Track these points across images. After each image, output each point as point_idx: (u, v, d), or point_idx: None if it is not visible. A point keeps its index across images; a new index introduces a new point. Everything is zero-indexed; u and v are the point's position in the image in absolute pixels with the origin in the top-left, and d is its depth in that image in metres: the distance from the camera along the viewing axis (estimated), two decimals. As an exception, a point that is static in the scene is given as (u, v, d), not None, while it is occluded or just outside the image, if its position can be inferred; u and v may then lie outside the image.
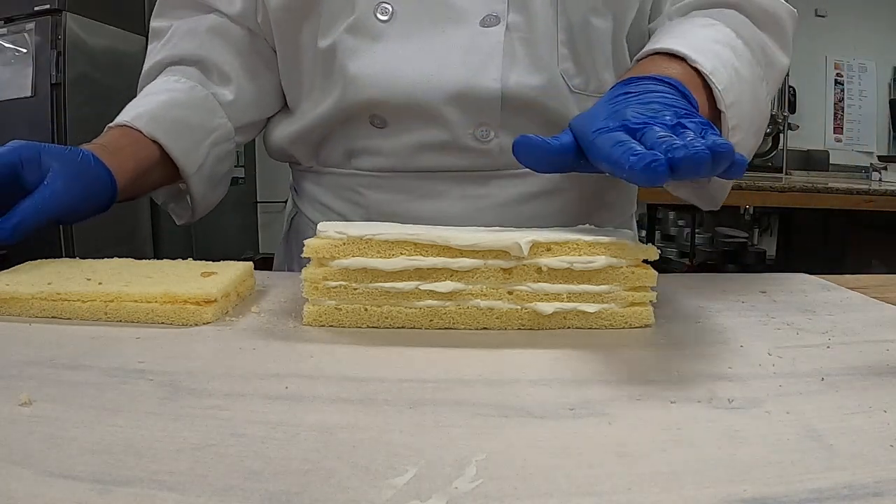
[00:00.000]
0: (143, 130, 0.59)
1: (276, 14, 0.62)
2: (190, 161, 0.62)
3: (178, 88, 0.64)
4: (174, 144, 0.60)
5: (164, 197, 0.69)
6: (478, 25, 0.57)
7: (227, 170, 0.69)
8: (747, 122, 0.55)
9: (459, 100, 0.58)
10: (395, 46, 0.58)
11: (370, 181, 0.64)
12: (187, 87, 0.64)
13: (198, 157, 0.63)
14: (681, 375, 0.36)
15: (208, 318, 0.44)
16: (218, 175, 0.67)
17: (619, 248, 0.43)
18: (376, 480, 0.25)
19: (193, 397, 0.32)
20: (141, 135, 0.59)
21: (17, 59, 2.13)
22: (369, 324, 0.44)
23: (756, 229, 3.66)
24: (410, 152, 0.61)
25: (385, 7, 0.58)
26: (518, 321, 0.44)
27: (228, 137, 0.67)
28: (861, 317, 0.48)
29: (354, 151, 0.64)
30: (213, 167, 0.65)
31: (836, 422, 0.30)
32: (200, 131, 0.63)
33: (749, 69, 0.56)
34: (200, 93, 0.65)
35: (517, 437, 0.28)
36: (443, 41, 0.57)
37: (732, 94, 0.53)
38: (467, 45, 0.57)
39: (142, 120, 0.60)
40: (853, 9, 3.52)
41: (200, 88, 0.65)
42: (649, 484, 0.25)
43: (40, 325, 0.43)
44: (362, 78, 0.58)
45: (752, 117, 0.55)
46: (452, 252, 0.42)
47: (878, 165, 3.05)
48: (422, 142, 0.60)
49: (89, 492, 0.23)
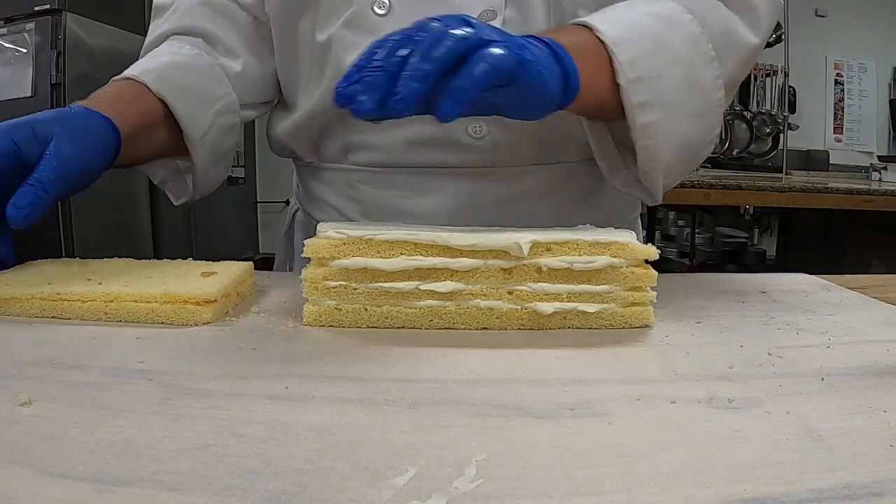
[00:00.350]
0: (149, 85, 0.57)
1: (276, 5, 0.62)
2: (195, 127, 0.60)
3: (184, 53, 0.62)
4: (180, 106, 0.58)
5: (162, 174, 0.65)
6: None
7: (231, 146, 0.67)
8: (674, 101, 0.51)
9: None
10: None
11: (366, 176, 0.64)
12: (193, 53, 0.63)
13: (203, 123, 0.61)
14: (681, 375, 0.36)
15: (208, 318, 0.44)
16: (221, 149, 0.64)
17: (619, 248, 0.43)
18: (376, 480, 0.25)
19: (193, 397, 0.32)
20: (146, 90, 0.57)
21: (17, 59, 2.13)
22: (369, 324, 0.44)
23: (756, 229, 3.65)
24: (405, 147, 0.61)
25: (383, 1, 0.57)
26: (518, 321, 0.44)
27: (234, 109, 0.64)
28: (861, 317, 0.48)
29: (351, 146, 0.63)
30: (218, 138, 0.63)
31: (836, 422, 0.30)
32: (206, 98, 0.61)
33: (689, 45, 0.52)
34: (206, 60, 0.63)
35: (517, 437, 0.28)
36: None
37: (645, 67, 0.50)
38: None
39: (149, 75, 0.57)
40: (853, 9, 3.52)
41: (206, 57, 0.63)
42: (649, 484, 0.25)
43: (40, 325, 0.43)
44: None
45: (683, 97, 0.52)
46: (452, 252, 0.42)
47: (878, 165, 3.05)
48: (416, 137, 0.60)
49: (89, 492, 0.23)
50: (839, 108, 3.62)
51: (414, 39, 0.40)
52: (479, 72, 0.40)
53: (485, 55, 0.40)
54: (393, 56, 0.39)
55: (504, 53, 0.40)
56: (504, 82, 0.41)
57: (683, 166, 0.57)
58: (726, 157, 3.31)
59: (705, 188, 2.38)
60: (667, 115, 0.51)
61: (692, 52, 0.52)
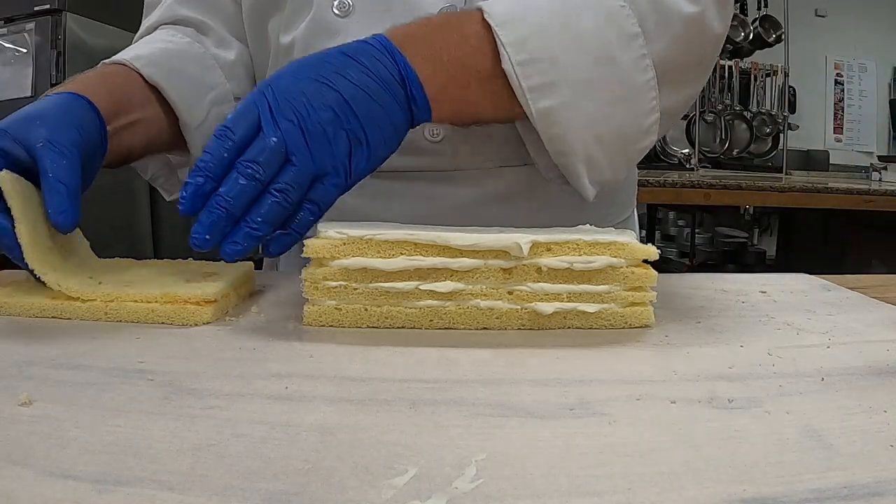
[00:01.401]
0: (141, 71, 0.54)
1: (247, 8, 0.62)
2: (191, 114, 0.58)
3: (176, 41, 0.61)
4: (174, 92, 0.56)
5: (153, 168, 0.63)
6: None
7: None
8: (581, 84, 0.47)
9: None
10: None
11: None
12: (185, 41, 0.61)
13: (199, 111, 0.59)
14: (681, 375, 0.36)
15: (208, 318, 0.44)
16: None
17: (619, 248, 0.43)
18: (376, 480, 0.25)
19: (193, 397, 0.32)
20: (138, 76, 0.54)
21: (17, 59, 2.13)
22: (369, 324, 0.44)
23: (756, 229, 3.66)
24: None
25: (343, 2, 0.56)
26: (518, 321, 0.44)
27: (228, 99, 0.62)
28: (861, 317, 0.48)
29: None
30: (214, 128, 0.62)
31: (836, 422, 0.30)
32: (201, 85, 0.60)
33: (601, 21, 0.47)
34: (199, 49, 0.62)
35: (517, 437, 0.28)
36: None
37: (538, 48, 0.46)
38: None
39: (141, 61, 0.55)
40: (853, 9, 3.52)
41: (199, 46, 0.62)
42: (649, 484, 0.25)
43: (40, 325, 0.43)
44: None
45: (593, 78, 0.47)
46: (452, 252, 0.42)
47: (878, 165, 3.05)
48: None
49: (89, 492, 0.23)
50: (839, 108, 3.62)
51: (255, 166, 0.41)
52: (307, 220, 0.44)
53: (313, 206, 0.44)
54: (235, 191, 0.41)
55: (334, 188, 0.44)
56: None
57: (613, 158, 0.51)
58: (726, 157, 3.32)
59: (705, 188, 2.38)
60: (573, 100, 0.47)
61: (606, 28, 0.47)
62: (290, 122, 0.42)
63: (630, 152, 0.53)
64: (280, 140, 0.41)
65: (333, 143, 0.43)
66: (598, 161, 0.50)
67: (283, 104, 0.42)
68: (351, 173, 0.44)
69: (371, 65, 0.44)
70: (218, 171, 0.41)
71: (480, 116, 0.51)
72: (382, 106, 0.44)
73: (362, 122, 0.44)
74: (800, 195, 2.36)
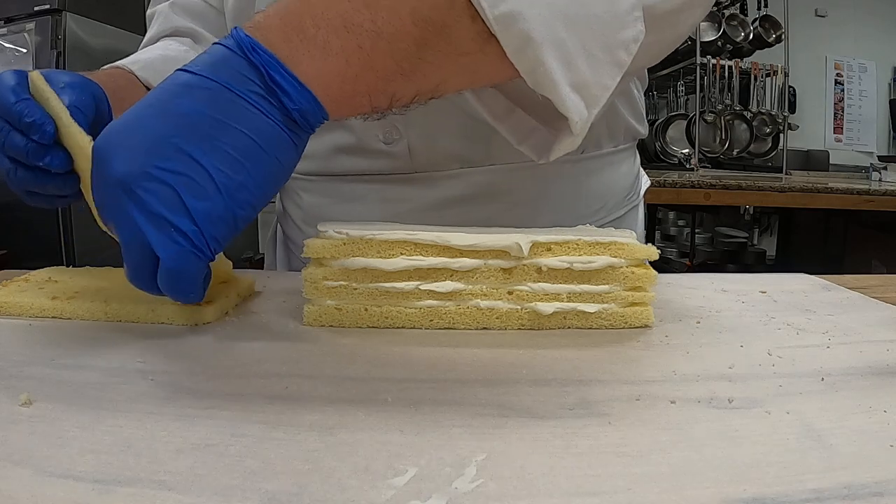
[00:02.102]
0: (137, 74, 0.56)
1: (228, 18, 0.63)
2: None
3: (173, 49, 0.63)
4: None
5: None
6: None
7: None
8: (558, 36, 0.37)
9: None
10: None
11: (303, 184, 0.65)
12: (182, 49, 0.64)
13: None
14: (681, 375, 0.36)
15: (208, 318, 0.44)
16: None
17: (619, 248, 0.43)
18: (376, 480, 0.25)
19: (193, 397, 0.32)
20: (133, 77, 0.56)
21: (17, 59, 2.13)
22: (369, 324, 0.44)
23: (756, 229, 3.66)
24: (326, 155, 0.61)
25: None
26: (518, 321, 0.44)
27: None
28: (861, 317, 0.48)
29: None
30: None
31: (836, 422, 0.30)
32: None
33: None
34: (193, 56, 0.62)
35: (517, 437, 0.28)
36: None
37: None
38: None
39: (138, 65, 0.57)
40: (853, 9, 3.52)
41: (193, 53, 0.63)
42: (649, 484, 0.25)
43: (40, 325, 0.43)
44: None
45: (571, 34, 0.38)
46: (452, 252, 0.42)
47: (878, 165, 3.05)
48: (334, 145, 0.60)
49: (89, 492, 0.23)
50: (839, 108, 3.63)
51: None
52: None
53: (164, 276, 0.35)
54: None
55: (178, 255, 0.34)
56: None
57: (589, 45, 0.39)
58: (726, 157, 3.32)
59: (705, 188, 2.38)
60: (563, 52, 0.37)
61: None
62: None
63: (611, 44, 0.40)
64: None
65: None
66: (571, 49, 0.38)
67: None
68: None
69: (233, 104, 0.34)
70: None
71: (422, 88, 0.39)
72: (264, 164, 0.36)
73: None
74: (800, 195, 2.36)
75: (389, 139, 0.58)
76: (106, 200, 0.35)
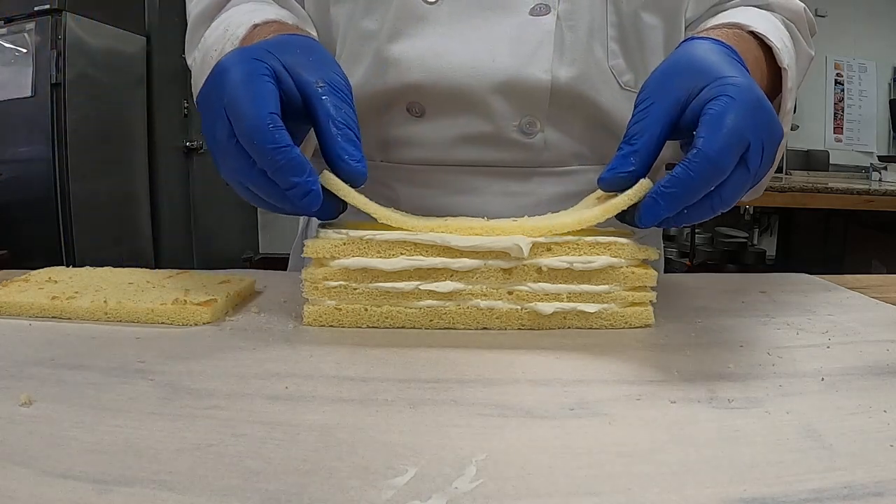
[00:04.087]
0: (301, 26, 0.53)
1: None
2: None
3: (284, 12, 0.56)
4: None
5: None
6: (527, 14, 0.54)
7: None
8: (795, 90, 0.56)
9: (506, 90, 0.55)
10: (442, 30, 0.54)
11: (403, 174, 0.60)
12: (285, 12, 0.57)
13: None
14: (681, 375, 0.36)
15: (208, 319, 0.44)
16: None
17: (619, 248, 0.43)
18: (376, 480, 0.25)
19: (193, 397, 0.32)
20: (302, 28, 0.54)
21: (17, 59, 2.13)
22: (369, 324, 0.44)
23: (756, 229, 3.66)
24: (449, 144, 0.58)
25: None
26: (518, 321, 0.44)
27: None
28: (861, 317, 0.48)
29: (389, 142, 0.60)
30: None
31: (836, 422, 0.30)
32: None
33: (795, 48, 0.57)
34: (295, 19, 0.57)
35: (517, 437, 0.28)
36: (491, 28, 0.54)
37: (787, 57, 0.53)
38: (516, 34, 0.54)
39: (292, 19, 0.54)
40: (853, 9, 3.52)
41: (287, 12, 0.57)
42: (649, 484, 0.25)
43: (40, 325, 0.43)
44: (405, 61, 0.54)
45: (796, 91, 0.56)
46: (452, 252, 0.42)
47: (878, 165, 3.05)
48: (463, 133, 0.57)
49: (89, 492, 0.23)
50: (839, 108, 3.62)
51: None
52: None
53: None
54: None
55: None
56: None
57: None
58: (726, 157, 3.31)
59: (705, 188, 2.37)
60: (793, 104, 0.56)
61: (797, 55, 0.58)
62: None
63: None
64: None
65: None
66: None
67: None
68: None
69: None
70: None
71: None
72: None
73: None
74: (800, 195, 2.36)
75: (530, 130, 0.57)
76: None
